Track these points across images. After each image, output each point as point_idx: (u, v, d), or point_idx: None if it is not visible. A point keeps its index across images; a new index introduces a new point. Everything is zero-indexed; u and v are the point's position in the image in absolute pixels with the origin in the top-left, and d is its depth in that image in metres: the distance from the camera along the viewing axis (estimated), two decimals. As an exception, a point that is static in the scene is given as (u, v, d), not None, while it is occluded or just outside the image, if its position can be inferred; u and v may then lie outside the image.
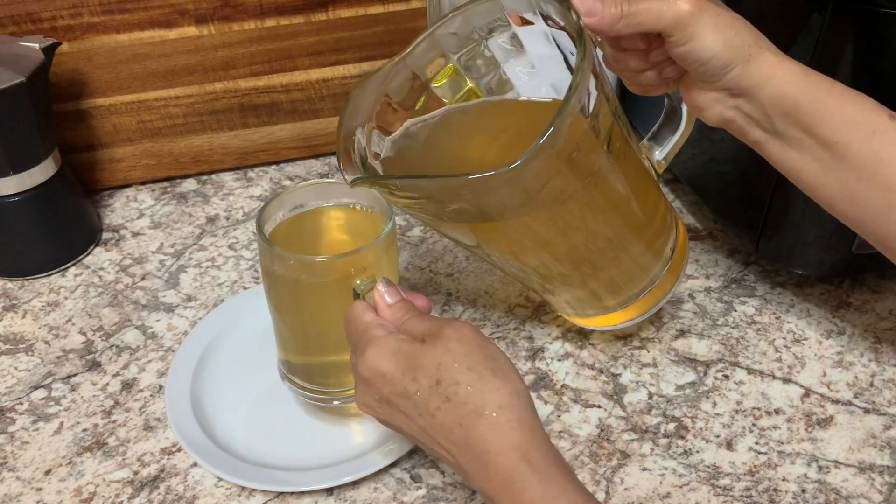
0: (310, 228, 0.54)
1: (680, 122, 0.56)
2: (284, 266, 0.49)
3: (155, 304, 0.66)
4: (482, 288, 0.67)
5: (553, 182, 0.46)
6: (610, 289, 0.57)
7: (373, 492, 0.52)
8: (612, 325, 0.60)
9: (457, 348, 0.41)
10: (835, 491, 0.52)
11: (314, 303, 0.51)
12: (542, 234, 0.51)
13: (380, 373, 0.42)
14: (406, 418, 0.42)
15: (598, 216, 0.52)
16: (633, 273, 0.56)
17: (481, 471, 0.40)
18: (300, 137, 0.81)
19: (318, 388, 0.54)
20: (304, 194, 0.53)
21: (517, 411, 0.40)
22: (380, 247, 0.49)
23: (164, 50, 0.74)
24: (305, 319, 0.52)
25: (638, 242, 0.55)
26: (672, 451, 0.54)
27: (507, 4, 0.52)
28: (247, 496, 0.52)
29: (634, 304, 0.57)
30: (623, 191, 0.53)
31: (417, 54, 0.53)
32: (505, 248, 0.54)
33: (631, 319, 0.59)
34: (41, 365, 0.61)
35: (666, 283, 0.57)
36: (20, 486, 0.53)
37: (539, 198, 0.47)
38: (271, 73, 0.77)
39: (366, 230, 0.53)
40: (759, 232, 0.63)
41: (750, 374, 0.59)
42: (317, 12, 0.76)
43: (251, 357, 0.60)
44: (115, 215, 0.76)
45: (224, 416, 0.56)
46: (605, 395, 0.58)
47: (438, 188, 0.47)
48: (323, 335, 0.53)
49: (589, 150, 0.48)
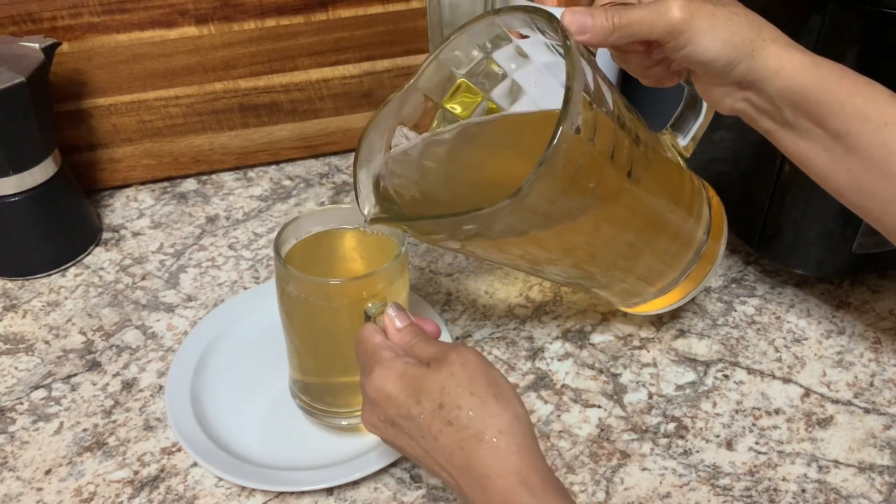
0: (325, 250, 0.55)
1: (701, 108, 0.55)
2: (299, 287, 0.50)
3: (155, 304, 0.66)
4: (482, 288, 0.67)
5: (561, 201, 0.47)
6: (648, 280, 0.57)
7: (373, 492, 0.52)
8: (663, 307, 0.60)
9: (460, 373, 0.42)
10: (835, 491, 0.52)
11: (326, 324, 0.52)
12: (571, 242, 0.52)
13: (385, 394, 0.43)
14: (409, 439, 0.43)
15: (622, 224, 0.52)
16: (674, 251, 0.56)
17: (481, 494, 0.40)
18: (300, 137, 0.81)
19: (328, 408, 0.55)
20: (320, 218, 0.54)
21: (517, 437, 0.41)
22: (392, 271, 0.50)
23: (165, 50, 0.74)
24: (317, 340, 0.53)
25: (671, 240, 0.55)
26: (672, 450, 0.54)
27: (503, 22, 0.51)
28: (247, 496, 0.52)
29: (684, 280, 0.58)
30: (649, 195, 0.53)
31: (426, 77, 0.54)
32: (535, 259, 0.53)
33: (684, 298, 0.59)
34: (41, 365, 0.61)
35: (707, 258, 0.57)
36: (20, 485, 0.53)
37: (551, 216, 0.47)
38: (271, 73, 0.77)
39: (379, 254, 0.54)
40: (759, 232, 0.63)
41: (750, 374, 0.59)
42: (317, 12, 0.76)
43: (251, 357, 0.60)
44: (115, 215, 0.76)
45: (224, 415, 0.56)
46: (605, 395, 0.58)
47: (448, 226, 0.47)
48: (333, 356, 0.53)
49: (593, 167, 0.47)
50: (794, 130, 0.47)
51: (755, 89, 0.47)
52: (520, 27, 0.52)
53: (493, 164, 0.58)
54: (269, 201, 0.77)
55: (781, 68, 0.45)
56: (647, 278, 0.57)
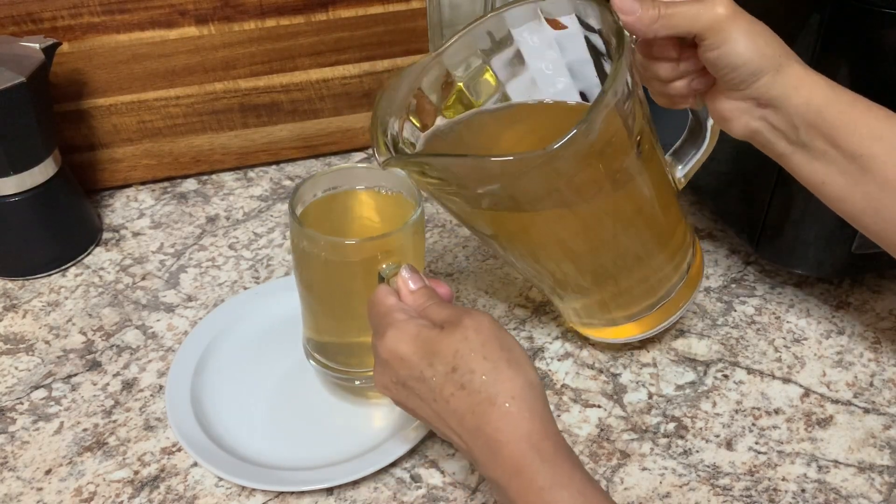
0: (340, 209, 0.55)
1: (704, 139, 0.56)
2: (315, 246, 0.49)
3: (155, 304, 0.66)
4: (482, 288, 0.67)
5: (583, 173, 0.47)
6: (623, 300, 0.57)
7: (373, 492, 0.52)
8: (618, 337, 0.60)
9: (474, 337, 0.42)
10: (834, 491, 0.52)
11: (340, 283, 0.52)
12: (566, 231, 0.52)
13: (398, 356, 0.43)
14: (421, 401, 0.43)
15: (623, 218, 0.52)
16: (650, 284, 0.56)
17: (491, 458, 0.40)
18: (300, 137, 0.81)
19: (341, 367, 0.55)
20: (337, 177, 0.54)
21: (529, 402, 0.41)
22: (408, 232, 0.50)
23: (165, 50, 0.74)
24: (331, 298, 0.53)
25: (658, 252, 0.55)
26: (672, 450, 0.54)
27: (545, 7, 0.53)
28: (247, 496, 0.52)
29: (645, 317, 0.58)
30: (648, 195, 0.53)
31: (451, 52, 0.54)
32: (525, 246, 0.54)
33: (639, 334, 0.59)
34: (41, 365, 0.61)
35: (680, 298, 0.58)
36: (20, 485, 0.53)
37: (570, 187, 0.48)
38: (271, 73, 0.77)
39: (395, 214, 0.53)
40: (759, 232, 0.63)
41: (750, 374, 0.60)
42: (317, 12, 0.76)
43: (251, 357, 0.61)
44: (115, 215, 0.76)
45: (224, 415, 0.56)
46: (605, 395, 0.58)
47: (472, 168, 0.47)
48: (347, 315, 0.53)
49: (620, 146, 0.49)
50: (810, 153, 0.48)
51: (773, 106, 0.47)
52: (562, 13, 0.52)
53: (510, 149, 0.58)
54: (269, 201, 0.77)
55: (801, 86, 0.46)
56: (627, 296, 0.57)
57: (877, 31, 0.51)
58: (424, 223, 0.52)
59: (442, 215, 0.75)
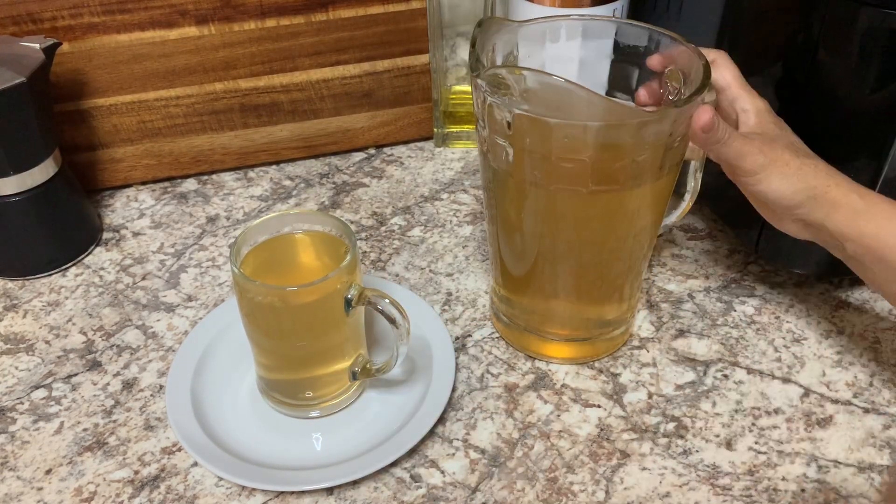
0: (280, 252, 0.56)
1: (681, 202, 0.61)
2: (261, 296, 0.51)
3: (155, 303, 0.66)
4: (482, 288, 0.67)
5: (649, 155, 0.49)
6: (586, 313, 0.59)
7: (373, 492, 0.52)
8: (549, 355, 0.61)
9: None
10: (834, 490, 0.52)
11: (293, 323, 0.53)
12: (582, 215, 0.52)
13: None
14: None
15: (623, 219, 0.52)
16: (617, 303, 0.58)
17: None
18: (300, 137, 0.81)
19: (300, 403, 0.56)
20: (269, 224, 0.55)
21: None
22: (345, 271, 0.51)
23: (165, 50, 0.74)
24: (286, 340, 0.54)
25: (637, 273, 0.57)
26: (672, 450, 0.54)
27: (623, 29, 0.55)
28: (247, 496, 0.52)
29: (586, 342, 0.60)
30: (658, 210, 0.54)
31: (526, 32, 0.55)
32: (533, 218, 0.53)
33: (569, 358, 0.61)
34: (42, 365, 0.61)
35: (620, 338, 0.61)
36: (21, 485, 0.53)
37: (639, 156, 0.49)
38: (271, 73, 0.77)
39: (332, 250, 0.55)
40: (759, 232, 0.64)
41: (749, 374, 0.60)
42: (317, 12, 0.76)
43: (251, 357, 0.60)
44: (115, 215, 0.76)
45: (224, 415, 0.56)
46: (605, 395, 0.58)
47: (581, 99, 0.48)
48: (306, 351, 0.54)
49: (682, 148, 0.51)
50: (859, 263, 0.51)
51: (816, 227, 0.52)
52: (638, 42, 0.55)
53: None
54: (269, 201, 0.77)
55: (837, 212, 0.50)
56: (593, 307, 0.58)
57: (876, 31, 0.51)
58: (359, 260, 0.54)
59: (442, 215, 0.75)
